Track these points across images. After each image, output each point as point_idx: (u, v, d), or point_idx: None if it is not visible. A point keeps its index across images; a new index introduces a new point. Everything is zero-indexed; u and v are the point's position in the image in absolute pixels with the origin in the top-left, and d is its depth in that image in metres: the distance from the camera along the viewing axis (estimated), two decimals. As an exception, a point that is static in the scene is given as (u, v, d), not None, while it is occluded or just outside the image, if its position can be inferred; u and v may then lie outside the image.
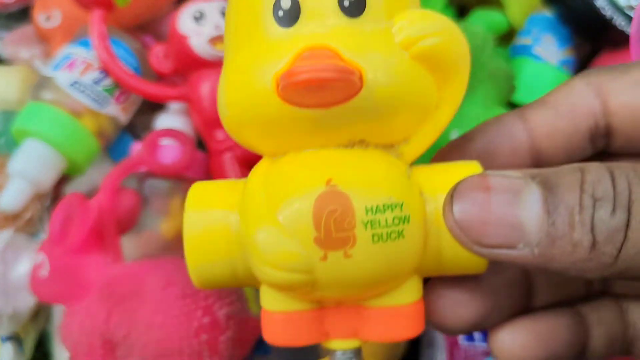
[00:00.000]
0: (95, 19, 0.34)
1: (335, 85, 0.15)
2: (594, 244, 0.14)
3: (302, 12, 0.17)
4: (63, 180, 0.36)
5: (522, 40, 0.38)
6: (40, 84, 0.34)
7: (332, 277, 0.16)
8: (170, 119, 0.37)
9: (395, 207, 0.16)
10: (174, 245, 0.34)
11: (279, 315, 0.18)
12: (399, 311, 0.18)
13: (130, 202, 0.32)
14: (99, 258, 0.29)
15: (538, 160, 0.20)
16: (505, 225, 0.15)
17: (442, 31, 0.17)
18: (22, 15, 0.43)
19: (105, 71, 0.34)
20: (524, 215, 0.15)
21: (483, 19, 0.36)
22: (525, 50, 0.37)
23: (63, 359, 0.33)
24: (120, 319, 0.26)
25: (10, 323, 0.31)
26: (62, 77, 0.34)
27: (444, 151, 0.21)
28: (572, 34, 0.37)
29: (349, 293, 0.17)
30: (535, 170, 0.16)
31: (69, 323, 0.27)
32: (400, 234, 0.16)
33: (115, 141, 0.37)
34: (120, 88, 0.35)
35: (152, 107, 0.38)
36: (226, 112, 0.17)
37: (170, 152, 0.33)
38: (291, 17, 0.17)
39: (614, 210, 0.14)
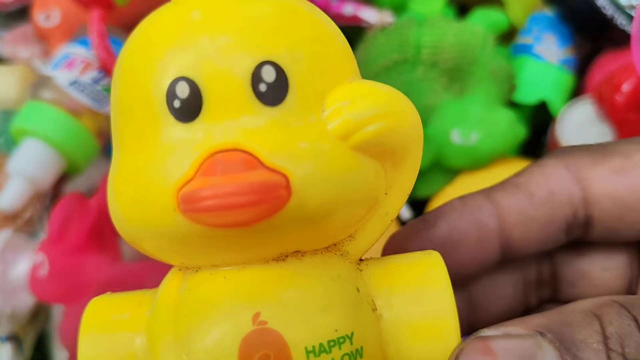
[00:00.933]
0: (94, 18, 0.33)
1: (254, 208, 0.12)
2: None
3: (206, 101, 0.13)
4: (62, 179, 0.35)
5: (522, 39, 0.38)
6: (39, 83, 0.34)
7: None
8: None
9: (344, 341, 0.13)
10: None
11: None
12: None
13: (130, 201, 0.31)
14: (99, 258, 0.29)
15: (507, 249, 0.18)
16: None
17: (389, 112, 0.13)
18: (21, 14, 0.43)
19: (105, 70, 0.34)
20: None
21: (484, 18, 0.36)
22: (526, 50, 0.37)
23: (62, 359, 0.33)
24: (119, 319, 0.26)
25: (10, 323, 0.31)
26: (61, 77, 0.34)
27: (401, 237, 0.18)
28: (573, 33, 0.37)
29: None
30: (539, 320, 0.13)
31: (68, 323, 0.27)
32: None
33: (115, 140, 0.37)
34: (119, 87, 0.35)
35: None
36: (121, 221, 0.14)
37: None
38: (191, 108, 0.13)
39: None
